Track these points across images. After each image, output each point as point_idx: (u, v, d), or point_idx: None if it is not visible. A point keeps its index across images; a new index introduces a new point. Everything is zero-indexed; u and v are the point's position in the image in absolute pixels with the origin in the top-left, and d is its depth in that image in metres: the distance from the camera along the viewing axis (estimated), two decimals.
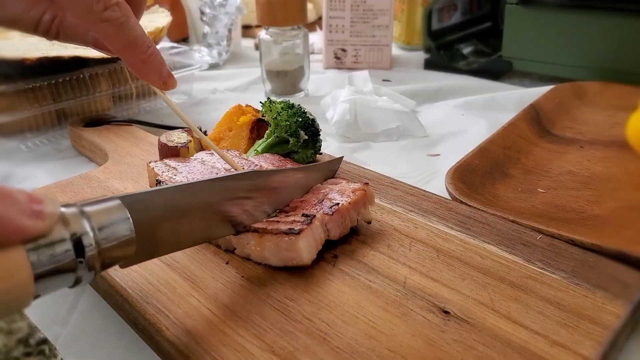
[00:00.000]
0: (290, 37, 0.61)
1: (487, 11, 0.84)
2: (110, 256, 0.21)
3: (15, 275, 0.17)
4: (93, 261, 0.20)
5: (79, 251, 0.19)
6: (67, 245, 0.19)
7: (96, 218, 0.20)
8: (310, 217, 0.29)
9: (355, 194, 0.32)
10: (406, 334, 0.24)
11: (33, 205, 0.18)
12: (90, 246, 0.20)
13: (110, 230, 0.21)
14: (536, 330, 0.24)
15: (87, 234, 0.20)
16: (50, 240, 0.19)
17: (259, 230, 0.29)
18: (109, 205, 0.21)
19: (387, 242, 0.31)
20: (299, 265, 0.28)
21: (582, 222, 0.35)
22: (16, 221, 0.17)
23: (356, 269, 0.29)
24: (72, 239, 0.19)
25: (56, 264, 0.19)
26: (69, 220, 0.19)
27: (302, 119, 0.38)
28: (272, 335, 0.24)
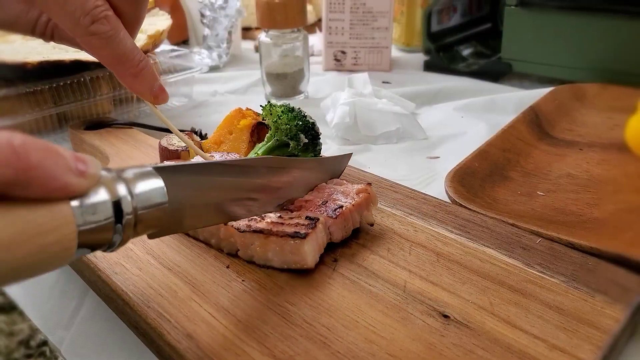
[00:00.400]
0: (290, 40, 0.61)
1: (486, 12, 0.84)
2: (144, 222, 0.22)
3: (62, 229, 0.18)
4: (129, 225, 0.21)
5: (118, 214, 0.20)
6: (108, 207, 0.20)
7: (133, 183, 0.21)
8: (314, 221, 0.29)
9: (359, 195, 0.32)
10: (406, 338, 0.24)
11: (78, 164, 0.19)
12: (128, 210, 0.20)
13: (146, 196, 0.21)
14: (535, 335, 0.24)
15: (126, 197, 0.20)
16: (93, 200, 0.19)
17: (264, 232, 0.29)
18: (145, 171, 0.22)
19: (387, 246, 0.32)
20: (302, 269, 0.28)
21: (581, 225, 0.35)
22: (62, 177, 0.18)
23: (356, 272, 0.29)
24: (113, 201, 0.20)
25: (97, 223, 0.19)
26: (109, 184, 0.20)
27: (302, 122, 0.39)
28: (272, 340, 0.25)
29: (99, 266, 0.30)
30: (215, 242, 0.31)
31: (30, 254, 0.17)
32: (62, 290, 0.37)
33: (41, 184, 0.17)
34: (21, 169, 0.17)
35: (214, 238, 0.31)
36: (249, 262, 0.30)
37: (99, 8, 0.28)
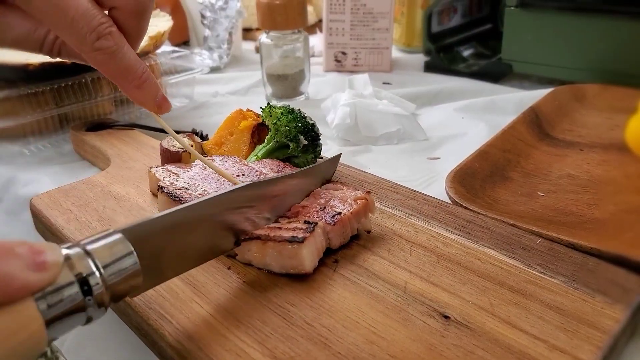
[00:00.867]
0: (290, 41, 0.61)
1: (486, 13, 0.84)
2: (119, 290, 0.21)
3: (28, 327, 0.18)
4: (102, 298, 0.20)
5: (87, 291, 0.20)
6: (75, 288, 0.19)
7: (100, 255, 0.21)
8: (312, 225, 0.29)
9: (357, 202, 0.32)
10: (407, 339, 0.25)
11: (35, 258, 0.18)
12: (97, 285, 0.20)
13: (116, 266, 0.21)
14: (536, 335, 0.24)
15: (93, 273, 0.20)
16: (57, 285, 0.19)
17: (262, 237, 0.29)
18: (112, 240, 0.22)
19: (388, 247, 0.32)
20: (301, 273, 0.29)
21: (581, 226, 0.35)
22: (21, 277, 0.18)
23: (357, 273, 0.29)
24: (79, 280, 0.20)
25: (66, 307, 0.19)
26: (73, 262, 0.20)
27: (301, 124, 0.39)
28: (273, 341, 0.25)
29: None
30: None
31: (1, 357, 0.17)
32: None
33: (2, 289, 0.17)
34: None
35: None
36: (249, 265, 0.30)
37: (103, 25, 0.28)
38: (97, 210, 0.37)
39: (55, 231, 0.35)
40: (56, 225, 0.35)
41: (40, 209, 0.37)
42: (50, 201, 0.38)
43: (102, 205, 0.37)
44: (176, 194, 0.33)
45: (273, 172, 0.36)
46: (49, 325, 0.18)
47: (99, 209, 0.37)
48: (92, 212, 0.36)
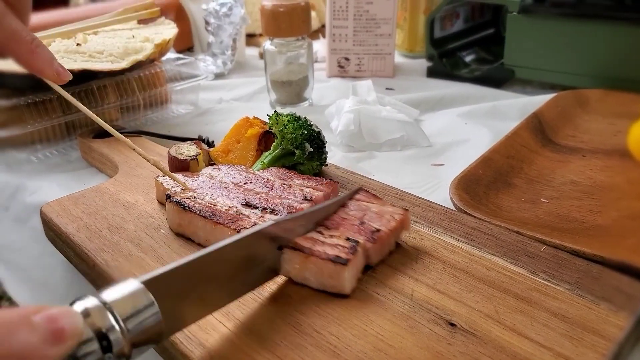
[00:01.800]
0: (294, 48, 0.61)
1: (489, 18, 0.85)
2: (139, 342, 0.20)
3: None
4: (122, 351, 0.19)
5: (107, 347, 0.19)
6: (94, 345, 0.19)
7: (120, 309, 0.20)
8: (355, 244, 0.29)
9: (395, 218, 0.32)
10: (414, 346, 0.25)
11: (53, 327, 0.17)
12: (117, 339, 0.19)
13: (137, 319, 0.20)
14: (541, 343, 0.25)
15: (113, 328, 0.19)
16: (78, 353, 0.18)
17: (305, 251, 0.28)
18: (132, 291, 0.21)
19: (394, 255, 0.32)
20: (338, 293, 0.28)
21: (585, 232, 0.36)
22: (40, 352, 0.17)
23: (364, 281, 0.30)
24: (98, 336, 0.19)
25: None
26: (92, 317, 0.19)
27: (307, 131, 0.39)
28: (283, 349, 0.25)
29: (112, 275, 0.31)
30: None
31: None
32: (67, 294, 0.37)
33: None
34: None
35: None
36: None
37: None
38: (106, 218, 0.37)
39: (65, 239, 0.36)
40: (66, 232, 0.36)
41: (50, 217, 0.37)
42: (60, 209, 0.38)
43: (111, 213, 0.38)
44: (185, 202, 0.33)
45: (279, 179, 0.37)
46: None
47: (108, 216, 0.37)
48: (102, 220, 0.37)
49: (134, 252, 0.33)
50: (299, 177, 0.37)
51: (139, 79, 0.58)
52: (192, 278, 0.24)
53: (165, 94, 0.62)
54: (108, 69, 0.53)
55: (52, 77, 0.32)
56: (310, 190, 0.35)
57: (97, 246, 0.34)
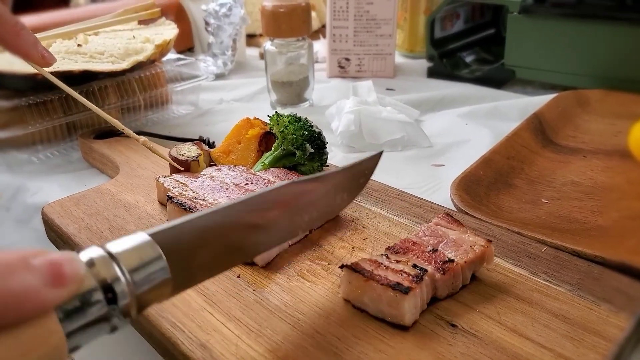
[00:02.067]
0: (295, 48, 0.61)
1: (489, 19, 0.85)
2: (146, 297, 0.19)
3: (48, 341, 0.17)
4: (128, 307, 0.19)
5: (112, 299, 0.18)
6: (98, 295, 0.18)
7: (126, 260, 0.19)
8: (421, 273, 0.27)
9: (474, 249, 0.29)
10: (415, 347, 0.25)
11: (54, 271, 0.17)
12: (122, 292, 0.18)
13: (144, 272, 0.19)
14: (542, 344, 0.25)
15: (118, 279, 0.18)
16: (79, 293, 0.17)
17: (365, 274, 0.27)
18: (139, 243, 0.20)
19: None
20: (397, 324, 0.26)
21: (585, 233, 0.36)
22: (38, 294, 0.16)
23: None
24: (103, 287, 0.18)
25: (88, 318, 0.18)
26: (96, 266, 0.18)
27: (308, 132, 0.39)
28: (284, 349, 0.25)
29: None
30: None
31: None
32: None
33: (13, 312, 0.16)
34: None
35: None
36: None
37: None
38: (107, 219, 0.37)
39: (67, 239, 0.36)
40: (68, 233, 0.36)
41: (52, 218, 0.38)
42: (62, 210, 0.38)
43: (113, 213, 0.38)
44: (186, 203, 0.33)
45: (280, 180, 0.37)
46: (70, 336, 0.17)
47: (109, 217, 0.37)
48: (103, 221, 0.37)
49: None
50: (300, 178, 0.37)
51: (139, 79, 0.58)
52: (201, 234, 0.23)
53: (165, 94, 0.62)
54: (109, 70, 0.53)
55: (37, 60, 0.32)
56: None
57: None
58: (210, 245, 0.23)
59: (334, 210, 0.32)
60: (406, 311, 0.26)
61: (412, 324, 0.26)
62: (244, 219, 0.25)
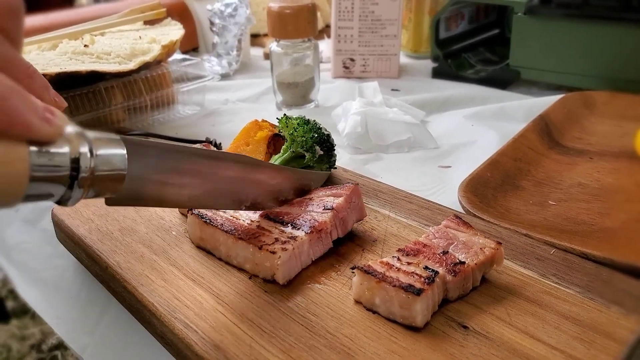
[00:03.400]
0: (300, 50, 0.62)
1: (493, 19, 0.85)
2: (101, 183, 0.22)
3: (14, 165, 0.19)
4: (85, 182, 0.22)
5: (75, 168, 0.21)
6: (65, 158, 0.21)
7: (96, 144, 0.22)
8: (432, 275, 0.27)
9: (484, 252, 0.29)
10: (427, 348, 0.25)
11: (46, 113, 0.20)
12: (85, 166, 0.21)
13: (106, 159, 0.22)
14: (553, 345, 0.25)
15: (85, 154, 0.21)
16: (52, 149, 0.20)
17: (377, 275, 0.27)
18: (109, 137, 0.23)
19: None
20: (409, 325, 0.26)
21: (593, 235, 0.36)
22: (26, 116, 0.19)
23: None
24: (71, 155, 0.21)
25: (52, 173, 0.20)
26: (71, 139, 0.21)
27: (317, 134, 0.39)
28: (297, 350, 0.25)
29: (124, 277, 0.31)
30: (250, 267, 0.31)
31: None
32: (85, 300, 0.38)
33: (4, 117, 0.18)
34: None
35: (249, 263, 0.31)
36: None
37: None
38: (117, 220, 0.37)
39: (77, 240, 0.36)
40: (78, 234, 0.36)
41: (62, 219, 0.38)
42: (71, 211, 0.39)
43: (122, 215, 0.38)
44: (206, 215, 0.33)
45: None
46: (31, 180, 0.19)
47: (119, 218, 0.38)
48: (113, 222, 0.37)
49: (146, 254, 0.33)
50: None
51: (145, 80, 0.58)
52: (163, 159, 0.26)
53: (171, 94, 0.62)
54: (115, 71, 0.54)
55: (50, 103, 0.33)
56: (331, 198, 0.34)
57: (109, 248, 0.34)
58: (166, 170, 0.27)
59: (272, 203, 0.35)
60: (418, 312, 0.26)
61: (424, 326, 0.26)
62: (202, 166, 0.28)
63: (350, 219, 0.34)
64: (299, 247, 0.30)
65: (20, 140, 0.19)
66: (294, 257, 0.30)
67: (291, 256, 0.30)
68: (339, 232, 0.33)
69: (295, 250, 0.30)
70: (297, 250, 0.30)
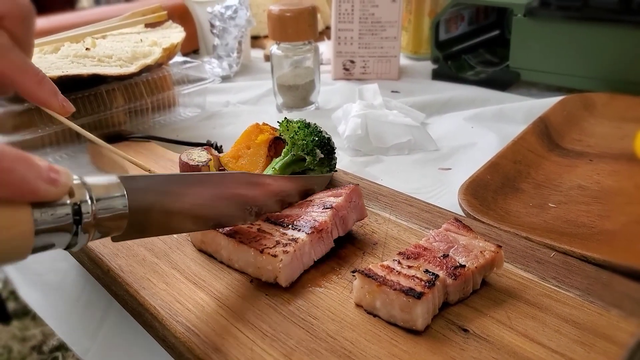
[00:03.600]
0: (301, 52, 0.62)
1: (493, 20, 0.85)
2: (105, 226, 0.24)
3: (18, 226, 0.20)
4: (88, 227, 0.23)
5: (77, 216, 0.22)
6: (67, 210, 0.22)
7: (96, 190, 0.23)
8: (433, 278, 0.27)
9: (484, 255, 0.29)
10: (428, 352, 0.25)
11: (51, 174, 0.21)
12: (87, 213, 0.23)
13: (107, 203, 0.24)
14: (553, 349, 0.25)
15: (86, 202, 0.23)
16: (53, 203, 0.21)
17: (377, 279, 0.27)
18: (109, 181, 0.24)
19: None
20: (409, 328, 0.26)
21: (593, 237, 0.36)
22: (33, 183, 0.20)
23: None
24: (72, 204, 0.22)
25: (55, 224, 0.22)
26: (72, 189, 0.22)
27: (318, 138, 0.40)
28: (298, 354, 0.26)
29: (126, 280, 0.32)
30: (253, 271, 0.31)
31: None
32: (87, 303, 0.38)
33: (11, 187, 0.20)
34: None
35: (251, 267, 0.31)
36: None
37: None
38: None
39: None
40: None
41: None
42: None
43: None
44: None
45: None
46: (37, 234, 0.21)
47: None
48: None
49: (147, 258, 0.34)
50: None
51: (147, 82, 0.59)
52: (162, 191, 0.27)
53: (172, 97, 0.62)
54: (117, 74, 0.54)
55: (58, 109, 0.33)
56: (332, 198, 0.34)
57: (110, 251, 0.34)
58: (169, 203, 0.28)
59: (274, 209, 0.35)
60: (419, 316, 0.26)
61: (425, 329, 0.27)
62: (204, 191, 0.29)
63: (350, 218, 0.34)
64: (301, 248, 0.31)
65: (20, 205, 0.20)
66: (295, 259, 0.30)
67: (293, 258, 0.30)
68: (339, 231, 0.33)
69: (296, 252, 0.30)
70: (299, 252, 0.30)
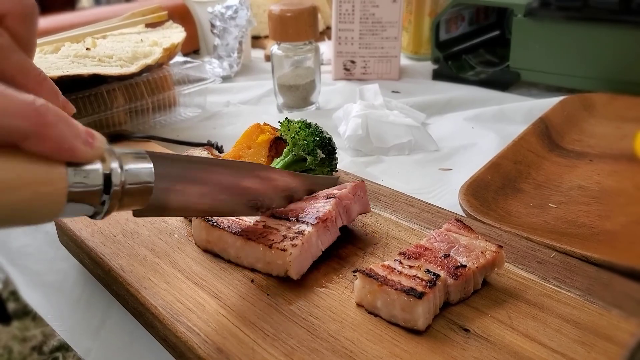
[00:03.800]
0: (301, 52, 0.62)
1: (494, 20, 0.85)
2: (130, 197, 0.24)
3: (55, 183, 0.21)
4: (116, 196, 0.23)
5: (107, 183, 0.23)
6: (99, 175, 0.22)
7: (124, 160, 0.24)
8: (434, 278, 0.27)
9: (485, 255, 0.29)
10: (429, 351, 0.25)
11: (88, 136, 0.22)
12: (116, 182, 0.23)
13: (135, 173, 0.24)
14: (554, 348, 0.25)
15: (116, 170, 0.23)
16: (87, 167, 0.22)
17: (378, 279, 0.27)
18: (138, 153, 0.25)
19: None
20: (410, 328, 0.27)
21: (594, 238, 0.36)
22: (71, 141, 0.21)
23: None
24: (104, 172, 0.23)
25: (87, 188, 0.22)
26: (104, 157, 0.23)
27: (319, 138, 0.40)
28: (299, 353, 0.26)
29: (127, 280, 0.32)
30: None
31: (23, 200, 0.19)
32: (87, 303, 0.38)
33: (51, 142, 0.20)
34: (38, 125, 0.20)
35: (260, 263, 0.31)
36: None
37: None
38: (120, 223, 0.37)
39: (80, 243, 0.36)
40: (81, 237, 0.36)
41: (64, 221, 0.38)
42: None
43: (125, 218, 0.38)
44: (212, 218, 0.33)
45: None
46: (68, 196, 0.21)
47: (121, 221, 0.38)
48: (116, 225, 0.37)
49: (148, 257, 0.34)
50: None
51: (147, 82, 0.59)
52: (186, 170, 0.28)
53: (173, 97, 0.62)
54: (118, 74, 0.54)
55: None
56: (336, 191, 0.35)
57: (111, 251, 0.34)
58: (191, 183, 0.28)
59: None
60: (420, 316, 0.26)
61: (426, 329, 0.27)
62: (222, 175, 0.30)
63: (354, 209, 0.35)
64: (308, 240, 0.31)
65: (61, 161, 0.21)
66: (304, 251, 0.31)
67: (302, 251, 0.30)
68: (343, 220, 0.34)
69: (305, 244, 0.30)
70: (307, 244, 0.31)
